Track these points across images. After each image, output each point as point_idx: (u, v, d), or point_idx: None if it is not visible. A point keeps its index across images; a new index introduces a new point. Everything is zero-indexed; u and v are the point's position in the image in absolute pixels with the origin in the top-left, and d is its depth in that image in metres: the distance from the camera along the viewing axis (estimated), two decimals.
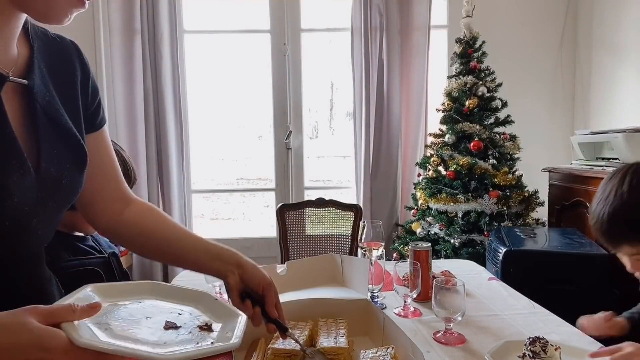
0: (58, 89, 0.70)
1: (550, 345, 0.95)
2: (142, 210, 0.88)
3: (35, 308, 0.51)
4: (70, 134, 0.69)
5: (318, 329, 1.03)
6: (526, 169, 2.89)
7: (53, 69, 0.70)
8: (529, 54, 3.36)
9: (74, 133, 0.69)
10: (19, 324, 0.48)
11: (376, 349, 0.95)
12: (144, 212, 0.88)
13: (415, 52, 3.21)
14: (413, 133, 3.28)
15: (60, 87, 0.70)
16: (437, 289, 1.12)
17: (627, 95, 2.90)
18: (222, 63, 3.53)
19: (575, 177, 2.52)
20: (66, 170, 0.67)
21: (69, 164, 0.68)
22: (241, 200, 4.13)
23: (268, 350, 0.94)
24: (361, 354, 0.94)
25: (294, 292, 1.18)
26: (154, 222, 0.86)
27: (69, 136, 0.69)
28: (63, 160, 0.66)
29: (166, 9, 3.11)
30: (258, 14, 3.33)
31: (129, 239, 0.87)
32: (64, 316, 0.52)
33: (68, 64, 0.74)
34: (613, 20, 3.01)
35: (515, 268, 1.90)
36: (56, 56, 0.72)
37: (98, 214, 0.85)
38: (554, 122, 3.42)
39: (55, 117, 0.67)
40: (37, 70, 0.66)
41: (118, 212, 0.85)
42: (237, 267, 0.81)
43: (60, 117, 0.68)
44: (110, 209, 0.85)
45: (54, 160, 0.65)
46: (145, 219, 0.86)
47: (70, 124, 0.69)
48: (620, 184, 1.09)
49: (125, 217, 0.86)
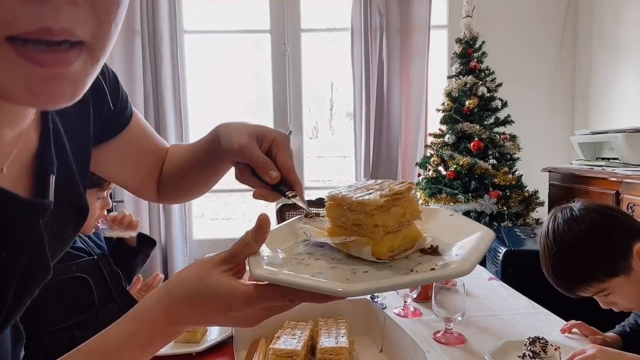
0: (69, 135, 0.57)
1: (550, 345, 0.95)
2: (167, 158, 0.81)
3: (212, 259, 0.49)
4: (78, 204, 0.59)
5: (318, 329, 1.03)
6: (526, 169, 2.89)
7: (64, 113, 0.57)
8: (529, 54, 3.36)
9: (81, 203, 0.59)
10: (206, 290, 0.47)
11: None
12: (171, 158, 0.81)
13: (415, 52, 3.21)
14: (413, 133, 3.28)
15: (71, 131, 0.57)
16: (437, 289, 1.12)
17: (627, 95, 2.91)
18: (222, 63, 3.53)
19: (575, 177, 2.52)
20: (66, 235, 0.60)
21: (69, 229, 0.60)
22: (241, 200, 4.13)
23: (269, 350, 0.94)
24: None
25: None
26: (179, 157, 0.79)
27: (76, 205, 0.59)
28: (65, 229, 0.59)
29: (166, 9, 3.11)
30: (258, 14, 3.33)
31: (179, 192, 0.82)
32: (242, 252, 0.50)
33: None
34: (613, 20, 3.01)
35: (515, 268, 1.90)
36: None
37: (152, 193, 0.81)
38: (554, 122, 3.42)
39: (65, 192, 0.55)
40: (53, 147, 0.53)
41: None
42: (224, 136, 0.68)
43: (71, 190, 0.57)
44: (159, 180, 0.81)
45: (58, 236, 0.57)
46: (175, 161, 0.80)
47: (80, 190, 0.58)
48: (546, 236, 1.11)
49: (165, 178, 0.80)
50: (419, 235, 0.55)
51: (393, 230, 0.52)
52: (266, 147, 0.62)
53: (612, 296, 1.07)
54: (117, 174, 0.78)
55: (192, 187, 0.81)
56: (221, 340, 1.10)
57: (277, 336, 0.98)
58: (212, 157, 0.71)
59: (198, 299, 0.46)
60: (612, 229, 1.07)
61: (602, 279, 1.05)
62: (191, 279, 0.48)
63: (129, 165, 0.76)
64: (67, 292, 1.11)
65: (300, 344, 0.94)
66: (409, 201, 0.54)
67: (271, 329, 1.02)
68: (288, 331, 1.00)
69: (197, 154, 0.74)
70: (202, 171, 0.76)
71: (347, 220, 0.53)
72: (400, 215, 0.53)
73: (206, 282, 0.47)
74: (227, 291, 0.46)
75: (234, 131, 0.63)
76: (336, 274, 0.49)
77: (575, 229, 1.07)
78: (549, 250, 1.10)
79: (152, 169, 0.79)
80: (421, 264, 0.49)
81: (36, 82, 0.35)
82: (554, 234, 1.10)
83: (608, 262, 1.04)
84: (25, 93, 0.36)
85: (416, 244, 0.54)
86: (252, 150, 0.60)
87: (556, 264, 1.09)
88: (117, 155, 0.72)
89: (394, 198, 0.52)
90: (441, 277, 0.47)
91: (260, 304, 0.46)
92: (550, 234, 1.11)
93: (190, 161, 0.76)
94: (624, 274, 1.04)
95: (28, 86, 0.35)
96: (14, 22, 0.32)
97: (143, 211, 3.23)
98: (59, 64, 0.35)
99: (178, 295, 0.47)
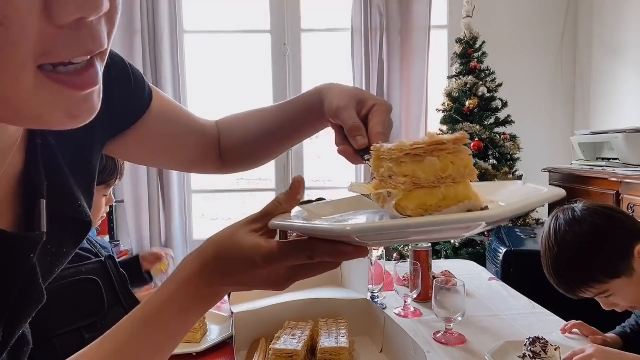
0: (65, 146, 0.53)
1: (550, 345, 0.95)
2: (224, 128, 0.80)
3: (243, 219, 0.50)
4: (78, 219, 0.55)
5: (318, 329, 1.03)
6: (526, 169, 2.89)
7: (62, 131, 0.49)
8: (529, 54, 3.36)
9: (81, 218, 0.55)
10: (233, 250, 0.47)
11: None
12: (226, 128, 0.80)
13: (415, 52, 3.21)
14: (413, 133, 3.28)
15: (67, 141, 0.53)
16: (437, 289, 1.12)
17: (627, 95, 2.90)
18: (222, 63, 3.53)
19: (575, 177, 2.52)
20: (65, 250, 0.56)
21: (69, 245, 0.57)
22: (241, 200, 4.13)
23: (269, 350, 0.94)
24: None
25: (294, 292, 1.18)
26: (243, 125, 0.78)
27: (76, 221, 0.55)
28: (64, 245, 0.56)
29: (166, 9, 3.11)
30: (258, 14, 3.33)
31: (248, 157, 0.80)
32: (273, 212, 0.50)
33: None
34: (613, 20, 3.01)
35: (515, 268, 1.90)
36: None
37: (209, 168, 0.80)
38: (554, 122, 3.42)
39: (62, 210, 0.52)
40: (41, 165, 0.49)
41: (218, 151, 0.79)
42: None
43: (67, 207, 0.53)
44: (211, 155, 0.78)
45: (56, 252, 0.54)
46: (232, 131, 0.79)
47: (77, 205, 0.54)
48: (547, 237, 1.12)
49: (225, 146, 0.79)
50: (468, 196, 0.44)
51: (427, 184, 0.43)
52: (365, 112, 0.60)
53: (613, 297, 1.07)
54: (158, 157, 0.76)
55: (272, 150, 0.79)
56: (221, 340, 1.10)
57: (277, 336, 0.98)
58: (310, 117, 0.70)
59: (226, 256, 0.47)
60: (613, 229, 1.07)
61: (603, 280, 1.04)
62: (220, 237, 0.49)
63: (166, 146, 0.72)
64: (77, 293, 1.10)
65: (300, 344, 0.94)
66: (456, 155, 0.44)
67: (271, 329, 1.02)
68: (288, 331, 1.00)
69: (288, 114, 0.73)
70: (292, 132, 0.75)
71: (385, 171, 0.47)
72: (439, 168, 0.43)
73: (233, 239, 0.48)
74: (250, 247, 0.46)
75: (337, 92, 0.63)
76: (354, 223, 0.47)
77: (576, 229, 1.07)
78: (550, 250, 1.10)
79: (197, 143, 0.76)
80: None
81: (75, 105, 0.35)
82: (555, 234, 1.10)
83: (609, 262, 1.04)
84: (64, 119, 0.35)
85: (462, 204, 0.44)
86: (346, 113, 0.60)
87: (557, 264, 1.09)
88: (147, 140, 0.69)
89: (432, 147, 0.42)
90: (466, 218, 0.39)
91: (281, 262, 0.46)
92: (552, 234, 1.10)
93: (278, 123, 0.74)
94: (625, 275, 1.03)
95: (67, 111, 0.35)
96: (53, 51, 0.31)
97: (143, 211, 3.23)
98: (93, 82, 0.35)
99: (209, 254, 0.48)
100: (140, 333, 0.47)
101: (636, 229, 1.08)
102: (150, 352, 0.48)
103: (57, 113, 0.34)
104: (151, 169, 3.16)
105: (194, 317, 0.49)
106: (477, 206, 0.44)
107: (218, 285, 0.48)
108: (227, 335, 1.11)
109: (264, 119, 0.76)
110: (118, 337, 0.47)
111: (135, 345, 0.47)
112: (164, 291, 0.48)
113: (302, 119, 0.72)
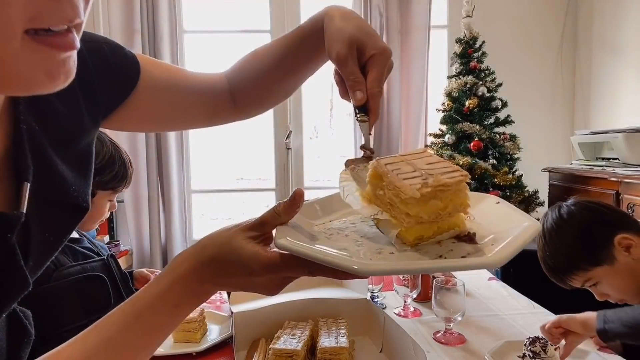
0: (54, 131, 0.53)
1: (550, 345, 0.95)
2: (232, 77, 0.79)
3: (240, 224, 0.51)
4: (71, 203, 0.55)
5: (318, 328, 1.03)
6: (526, 169, 2.89)
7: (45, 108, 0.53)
8: (529, 54, 3.36)
9: (76, 202, 0.55)
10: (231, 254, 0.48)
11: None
12: (234, 76, 0.79)
13: (415, 52, 3.21)
14: (413, 133, 3.28)
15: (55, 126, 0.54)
16: (437, 289, 1.12)
17: (627, 95, 2.91)
18: (222, 63, 3.53)
19: (575, 177, 2.52)
20: (62, 238, 0.56)
21: (64, 231, 0.56)
22: (241, 200, 4.13)
23: (269, 350, 0.95)
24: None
25: (294, 292, 1.18)
26: (251, 65, 0.78)
27: (69, 205, 0.55)
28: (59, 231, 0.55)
29: (166, 9, 3.11)
30: (258, 14, 3.33)
31: (265, 97, 0.80)
32: (272, 222, 0.51)
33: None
34: (613, 20, 3.01)
35: (515, 268, 1.90)
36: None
37: (224, 119, 0.78)
38: (554, 122, 3.42)
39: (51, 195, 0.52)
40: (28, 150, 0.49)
41: (232, 101, 0.77)
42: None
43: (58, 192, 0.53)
44: (225, 106, 0.78)
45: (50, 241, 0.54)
46: (244, 71, 0.79)
47: (69, 188, 0.54)
48: (541, 231, 1.20)
49: (239, 95, 0.78)
50: (457, 224, 0.49)
51: (427, 221, 0.47)
52: (363, 61, 0.60)
53: (600, 286, 1.13)
54: (161, 125, 0.76)
55: (284, 85, 0.78)
56: (221, 340, 1.10)
57: (277, 336, 0.98)
58: (314, 46, 0.69)
59: (223, 260, 0.48)
60: (594, 221, 1.16)
61: (585, 268, 1.12)
62: (218, 241, 0.50)
63: (167, 116, 0.73)
64: (85, 290, 1.11)
65: (300, 344, 0.94)
66: (456, 194, 0.48)
67: (271, 329, 1.02)
68: (288, 331, 1.00)
69: (291, 45, 0.72)
70: (299, 62, 0.74)
71: (384, 195, 0.49)
72: (440, 208, 0.47)
73: (231, 245, 0.49)
74: (249, 256, 0.47)
75: (337, 31, 0.62)
76: (360, 252, 0.48)
77: (560, 222, 1.18)
78: (540, 239, 1.20)
79: (209, 104, 0.75)
80: (453, 250, 0.46)
81: (55, 66, 0.38)
82: (544, 226, 1.20)
83: (589, 251, 1.12)
84: (45, 79, 0.38)
85: (452, 231, 0.49)
86: (346, 65, 0.60)
87: (545, 254, 1.19)
88: (146, 112, 0.69)
89: (437, 190, 0.45)
90: (470, 265, 0.42)
91: (280, 273, 0.48)
92: (543, 228, 1.20)
93: (284, 54, 0.73)
94: (606, 263, 1.10)
95: (48, 72, 0.38)
96: (38, 17, 0.35)
97: (143, 211, 3.23)
98: (73, 45, 0.38)
99: (206, 254, 0.49)
100: (132, 327, 0.48)
101: (619, 221, 1.14)
102: (138, 346, 0.48)
103: (38, 73, 0.37)
104: (151, 169, 3.16)
105: (185, 313, 0.51)
106: (464, 232, 0.48)
107: (212, 285, 0.49)
108: (227, 335, 1.11)
109: (268, 55, 0.76)
110: (106, 330, 0.47)
111: (125, 339, 0.47)
112: (158, 287, 0.49)
113: (306, 48, 0.71)
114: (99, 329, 0.48)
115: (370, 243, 0.50)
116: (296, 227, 0.52)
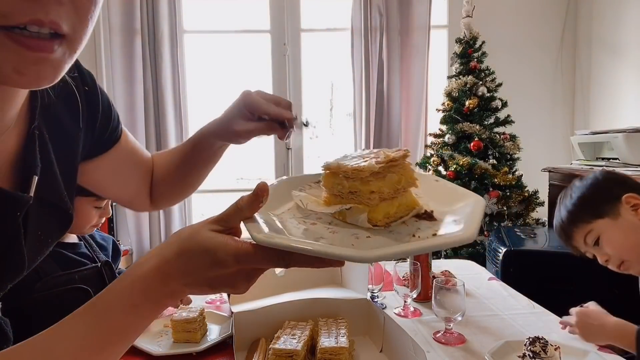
0: (57, 145, 0.60)
1: (550, 345, 0.95)
2: (157, 166, 0.92)
3: (203, 220, 0.50)
4: (61, 207, 0.61)
5: (318, 329, 1.03)
6: (526, 169, 2.89)
7: (53, 124, 0.60)
8: (529, 54, 3.36)
9: (65, 208, 0.62)
10: (194, 243, 0.47)
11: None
12: (158, 166, 0.91)
13: (415, 52, 3.21)
14: (413, 133, 3.28)
15: (59, 142, 0.61)
16: (437, 289, 1.12)
17: (627, 95, 2.91)
18: (222, 63, 3.53)
19: (575, 177, 2.52)
20: (50, 240, 0.61)
21: (52, 234, 0.61)
22: None
23: (269, 350, 0.94)
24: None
25: (294, 292, 1.18)
26: (167, 163, 0.90)
27: (59, 209, 0.61)
28: (48, 232, 0.60)
29: (166, 9, 3.11)
30: (258, 14, 3.33)
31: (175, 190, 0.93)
32: (234, 216, 0.49)
33: (72, 106, 0.64)
34: (613, 20, 3.01)
35: (515, 268, 1.90)
36: (58, 105, 0.61)
37: (144, 203, 0.91)
38: (554, 122, 3.42)
39: (48, 195, 0.58)
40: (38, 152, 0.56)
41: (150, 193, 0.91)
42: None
43: (53, 194, 0.60)
44: (149, 192, 0.90)
45: (41, 239, 0.59)
46: (164, 167, 0.91)
47: (62, 194, 0.61)
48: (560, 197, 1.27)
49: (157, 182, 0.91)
50: (414, 202, 0.55)
51: (389, 196, 0.52)
52: (256, 116, 0.79)
53: (600, 244, 1.13)
54: (109, 188, 0.85)
55: (192, 181, 0.92)
56: (221, 340, 1.10)
57: (277, 336, 0.98)
58: (205, 144, 0.87)
59: (188, 254, 0.46)
60: (607, 177, 1.20)
61: (587, 220, 1.14)
62: (182, 236, 0.48)
63: (119, 179, 0.83)
64: (68, 302, 1.08)
65: (300, 344, 0.94)
66: (404, 168, 0.54)
67: (271, 329, 1.02)
68: (288, 331, 1.00)
69: (193, 148, 0.87)
70: (200, 161, 0.89)
71: (343, 188, 0.54)
72: (396, 181, 0.53)
73: (196, 238, 0.47)
74: (217, 246, 0.45)
75: (221, 117, 0.85)
76: (339, 238, 0.48)
77: (577, 180, 1.24)
78: (557, 204, 1.25)
79: (141, 181, 0.88)
80: (420, 229, 0.50)
81: (23, 64, 0.41)
82: (564, 191, 1.25)
83: (594, 202, 1.15)
84: (12, 74, 0.41)
85: (412, 211, 0.54)
86: (261, 107, 0.79)
87: (557, 213, 1.23)
88: (108, 170, 0.78)
89: (389, 165, 0.52)
90: (449, 242, 0.45)
91: (252, 264, 0.46)
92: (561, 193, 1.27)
93: (187, 157, 0.87)
94: (609, 217, 1.12)
95: (16, 68, 0.41)
96: (10, 14, 0.38)
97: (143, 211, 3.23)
98: (44, 49, 0.41)
99: (171, 250, 0.47)
100: (88, 325, 0.45)
101: (632, 183, 1.17)
102: (95, 347, 0.45)
103: (6, 67, 0.41)
104: None
105: (146, 315, 0.47)
106: (422, 210, 0.54)
107: (175, 284, 0.46)
108: (227, 335, 1.11)
109: (173, 155, 0.89)
110: (64, 329, 0.45)
111: (76, 338, 0.44)
112: (118, 285, 0.47)
113: (199, 147, 0.87)
114: (55, 328, 0.46)
115: (343, 229, 0.51)
116: (264, 219, 0.50)
